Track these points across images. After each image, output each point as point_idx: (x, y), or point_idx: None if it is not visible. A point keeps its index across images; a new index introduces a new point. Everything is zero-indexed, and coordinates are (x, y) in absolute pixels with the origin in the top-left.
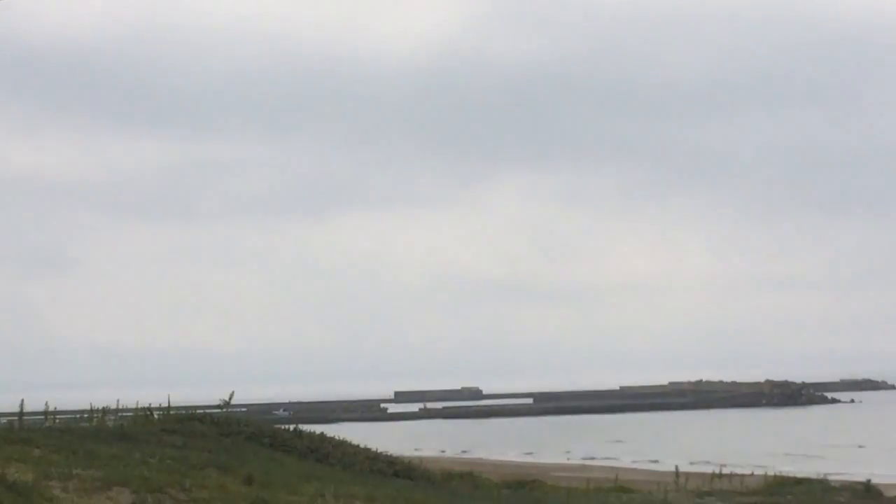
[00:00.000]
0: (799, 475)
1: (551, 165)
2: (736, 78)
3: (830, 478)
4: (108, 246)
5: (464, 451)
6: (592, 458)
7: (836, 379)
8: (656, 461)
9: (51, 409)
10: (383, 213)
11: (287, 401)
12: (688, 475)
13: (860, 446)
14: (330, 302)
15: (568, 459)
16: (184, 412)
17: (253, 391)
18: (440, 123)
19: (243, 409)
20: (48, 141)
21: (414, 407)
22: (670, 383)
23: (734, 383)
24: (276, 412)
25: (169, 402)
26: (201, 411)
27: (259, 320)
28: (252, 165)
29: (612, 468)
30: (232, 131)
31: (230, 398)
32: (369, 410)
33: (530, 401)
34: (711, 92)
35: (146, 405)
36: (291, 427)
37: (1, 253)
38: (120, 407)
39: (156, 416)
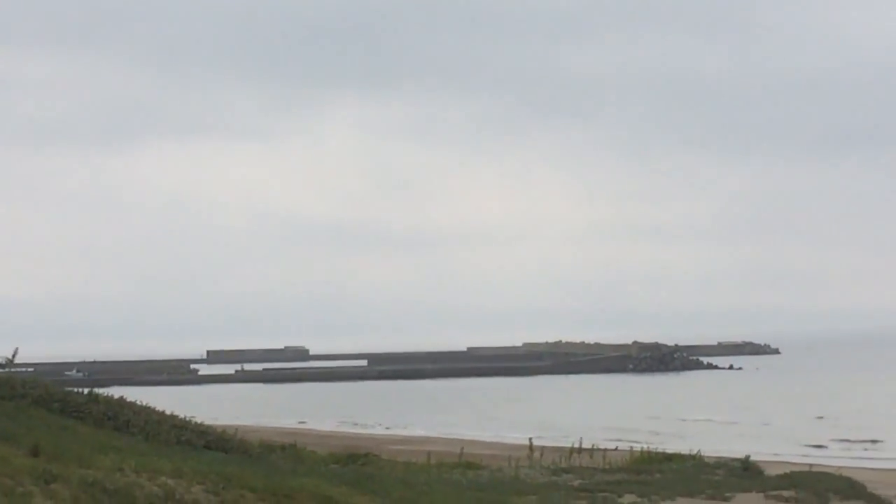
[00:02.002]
0: (669, 450)
1: (393, 93)
2: None
3: (704, 453)
4: None
5: (286, 420)
6: (434, 429)
7: (713, 342)
8: (507, 433)
9: None
10: (194, 144)
11: (81, 360)
12: (543, 449)
13: (737, 419)
14: (131, 246)
15: (406, 430)
16: None
17: (41, 348)
18: (263, 40)
19: (29, 369)
20: None
21: (230, 368)
22: (525, 345)
23: (598, 345)
24: (69, 373)
25: None
26: None
27: (48, 266)
28: (37, 84)
29: (457, 441)
30: (12, 43)
31: (13, 356)
32: (177, 372)
33: (364, 363)
34: (579, 11)
35: None
36: (86, 390)
37: None
38: None
39: None
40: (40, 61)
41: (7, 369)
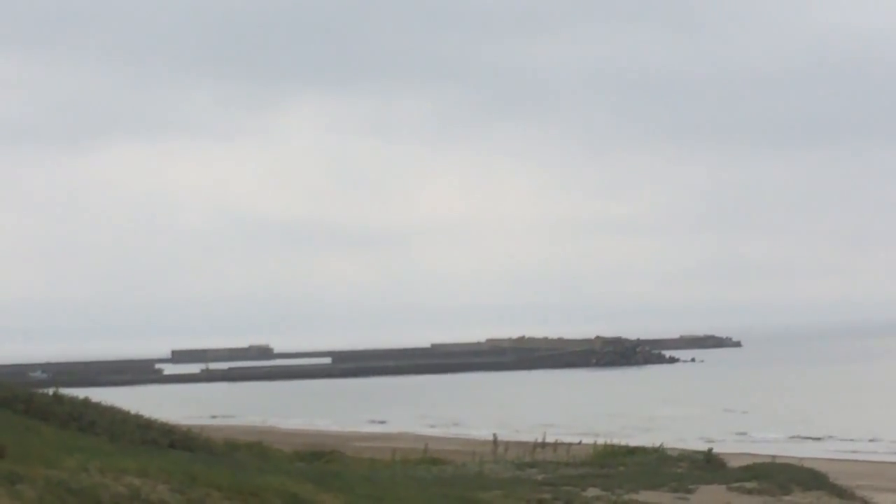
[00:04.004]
0: (632, 444)
1: (355, 89)
2: None
3: (667, 446)
4: None
5: (251, 419)
6: (399, 426)
7: (675, 335)
8: (471, 428)
9: None
10: (156, 144)
11: (45, 361)
12: (507, 444)
13: (701, 410)
14: (94, 246)
15: (371, 427)
16: None
17: (5, 350)
18: (223, 40)
19: None
20: None
21: (194, 368)
22: (488, 340)
23: (560, 340)
24: (33, 374)
25: None
26: None
27: (10, 267)
28: None
29: (421, 437)
30: None
31: None
32: (142, 372)
33: (328, 360)
34: (539, 7)
35: None
36: (51, 391)
37: None
38: None
39: None
40: (1, 60)
41: None
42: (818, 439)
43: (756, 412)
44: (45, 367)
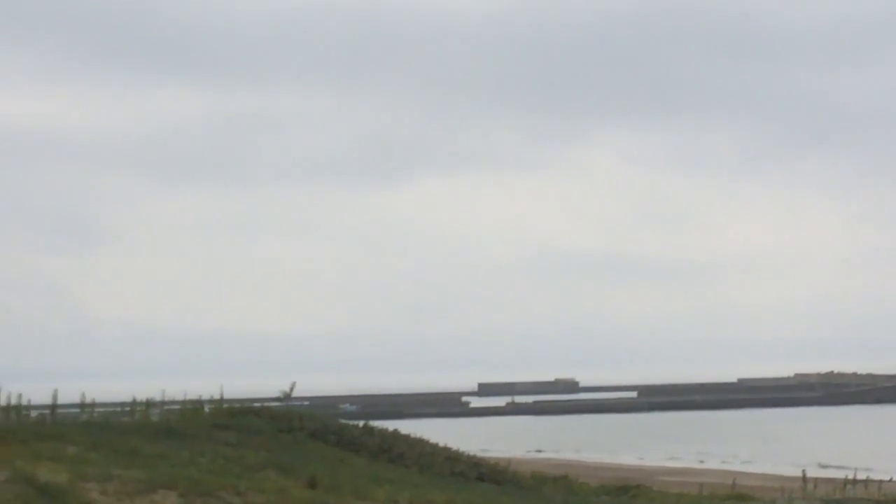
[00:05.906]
0: None
1: (658, 122)
2: (873, 18)
3: None
4: (147, 213)
5: (557, 452)
6: (706, 461)
7: None
8: (779, 464)
9: (87, 400)
10: (462, 177)
11: (355, 393)
12: (816, 481)
13: None
14: (403, 280)
15: (677, 461)
16: (238, 405)
17: (316, 382)
18: (526, 73)
19: (305, 403)
20: (71, 92)
21: (500, 401)
22: (796, 375)
23: (870, 375)
24: (343, 406)
25: (221, 394)
26: (258, 404)
27: (322, 300)
28: (308, 121)
29: (729, 472)
30: (286, 82)
31: (291, 390)
32: (449, 405)
33: (634, 394)
34: (845, 36)
35: (195, 397)
36: (360, 423)
37: (15, 220)
38: (165, 399)
39: (206, 410)
40: (311, 99)
41: (285, 403)
42: None
43: None
44: (354, 399)
